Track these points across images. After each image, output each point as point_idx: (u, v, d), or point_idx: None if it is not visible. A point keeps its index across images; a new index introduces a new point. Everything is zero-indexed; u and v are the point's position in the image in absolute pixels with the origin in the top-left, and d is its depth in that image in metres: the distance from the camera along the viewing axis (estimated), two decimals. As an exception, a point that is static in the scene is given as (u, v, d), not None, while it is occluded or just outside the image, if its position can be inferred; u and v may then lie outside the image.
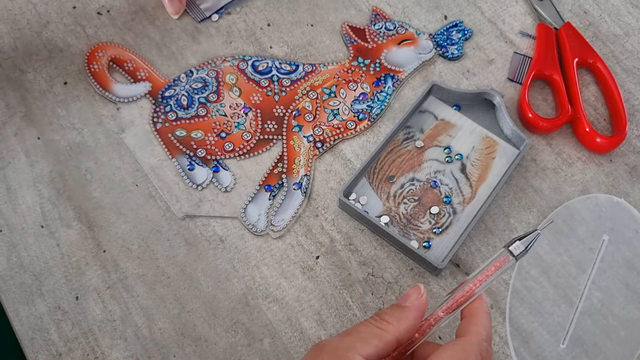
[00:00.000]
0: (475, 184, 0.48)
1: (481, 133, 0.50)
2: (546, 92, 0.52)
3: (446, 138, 0.49)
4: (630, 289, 0.44)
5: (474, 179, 0.48)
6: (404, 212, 0.46)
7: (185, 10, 0.54)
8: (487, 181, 0.48)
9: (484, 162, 0.48)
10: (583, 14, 0.56)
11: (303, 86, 0.51)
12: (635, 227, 0.46)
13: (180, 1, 0.53)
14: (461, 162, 0.48)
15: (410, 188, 0.47)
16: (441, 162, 0.48)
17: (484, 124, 0.50)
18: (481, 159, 0.49)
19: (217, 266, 0.45)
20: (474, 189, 0.47)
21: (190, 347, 0.43)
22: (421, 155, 0.49)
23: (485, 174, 0.48)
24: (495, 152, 0.49)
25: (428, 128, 0.50)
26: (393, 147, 0.49)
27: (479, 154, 0.49)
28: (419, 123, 0.50)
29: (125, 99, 0.50)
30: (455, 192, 0.47)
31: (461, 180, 0.48)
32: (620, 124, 0.49)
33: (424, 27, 0.54)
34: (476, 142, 0.49)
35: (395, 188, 0.47)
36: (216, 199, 0.47)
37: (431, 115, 0.50)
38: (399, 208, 0.47)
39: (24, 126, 0.49)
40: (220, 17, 0.54)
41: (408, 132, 0.49)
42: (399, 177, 0.48)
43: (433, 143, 0.49)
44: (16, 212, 0.46)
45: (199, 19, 0.54)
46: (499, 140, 0.49)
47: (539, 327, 0.43)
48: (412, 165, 0.48)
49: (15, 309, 0.43)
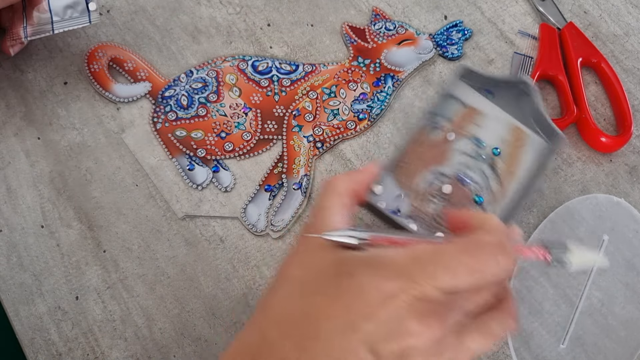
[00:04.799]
0: (505, 179, 0.44)
1: (510, 123, 0.46)
2: (546, 92, 0.52)
3: (473, 127, 0.46)
4: (630, 289, 0.44)
5: (503, 175, 0.45)
6: (432, 212, 0.43)
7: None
8: (517, 177, 0.45)
9: (513, 156, 0.45)
10: (583, 14, 0.56)
11: (303, 86, 0.51)
12: (635, 227, 0.46)
13: (21, 44, 0.49)
14: (490, 155, 0.45)
15: (434, 183, 0.44)
16: (469, 155, 0.45)
17: (514, 114, 0.47)
18: (510, 152, 0.45)
19: (217, 266, 0.45)
20: (504, 185, 0.44)
21: (190, 347, 0.43)
22: (448, 147, 0.45)
23: (515, 169, 0.45)
24: (525, 145, 0.46)
25: (454, 116, 0.46)
26: (418, 138, 0.45)
27: (508, 146, 0.45)
28: (446, 110, 0.46)
29: (125, 99, 0.50)
30: (485, 190, 0.44)
31: (490, 176, 0.45)
32: (626, 123, 0.49)
33: (424, 27, 0.54)
34: (505, 132, 0.46)
35: (422, 184, 0.44)
36: (216, 199, 0.47)
37: (459, 102, 0.47)
38: (427, 206, 0.43)
39: (24, 126, 0.49)
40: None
41: (434, 121, 0.46)
42: (421, 171, 0.44)
43: (461, 133, 0.46)
44: (16, 212, 0.46)
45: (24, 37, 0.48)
46: (529, 133, 0.46)
47: (539, 327, 0.43)
48: (439, 158, 0.45)
49: (15, 309, 0.43)
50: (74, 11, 0.47)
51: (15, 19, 0.48)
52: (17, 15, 0.48)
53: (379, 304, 0.29)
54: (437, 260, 0.29)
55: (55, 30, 0.47)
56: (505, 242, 0.30)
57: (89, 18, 0.48)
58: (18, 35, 0.47)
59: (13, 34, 0.48)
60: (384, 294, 0.29)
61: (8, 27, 0.48)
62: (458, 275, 0.29)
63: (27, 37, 0.47)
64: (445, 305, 0.29)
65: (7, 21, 0.49)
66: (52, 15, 0.47)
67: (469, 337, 0.30)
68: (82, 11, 0.47)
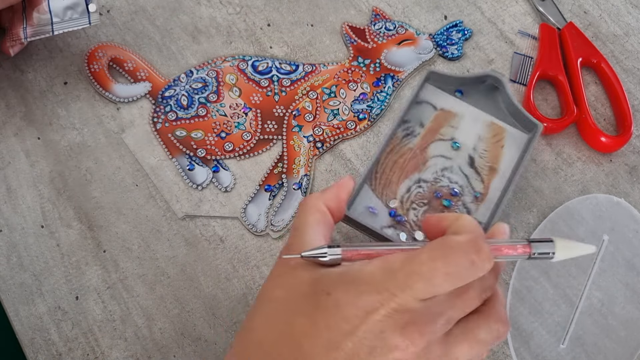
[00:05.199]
0: (487, 177, 0.44)
1: (486, 120, 0.46)
2: (546, 92, 0.52)
3: (449, 130, 0.46)
4: (630, 289, 0.44)
5: (485, 173, 0.44)
6: (414, 219, 0.43)
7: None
8: (499, 173, 0.44)
9: (493, 152, 0.45)
10: (583, 14, 0.56)
11: (303, 86, 0.51)
12: (635, 227, 0.46)
13: (21, 44, 0.49)
14: (469, 155, 0.45)
15: (417, 191, 0.44)
16: (447, 157, 0.45)
17: (488, 110, 0.46)
18: (489, 149, 0.45)
19: (217, 266, 0.45)
20: (486, 183, 0.44)
21: (190, 347, 0.43)
22: (424, 153, 0.45)
23: (496, 165, 0.45)
24: (503, 139, 0.45)
25: (428, 120, 0.46)
26: (393, 147, 0.45)
27: (487, 143, 0.45)
28: (417, 116, 0.46)
29: (125, 99, 0.50)
30: (466, 189, 0.44)
31: (471, 176, 0.44)
32: (626, 123, 0.49)
33: (424, 27, 0.54)
34: (482, 130, 0.46)
35: (402, 192, 0.44)
36: (216, 199, 0.47)
37: (429, 106, 0.47)
38: (408, 214, 0.43)
39: (24, 126, 0.49)
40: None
41: (407, 128, 0.46)
42: (403, 180, 0.44)
43: (435, 137, 0.46)
44: (16, 212, 0.46)
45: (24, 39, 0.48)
46: (506, 127, 0.46)
47: (539, 327, 0.43)
48: (416, 165, 0.45)
49: (15, 309, 0.43)
50: (74, 12, 0.47)
51: (15, 20, 0.48)
52: (17, 16, 0.48)
53: (359, 319, 0.29)
54: (410, 269, 0.28)
55: (55, 31, 0.47)
56: (477, 240, 0.29)
57: (89, 19, 0.48)
58: (18, 36, 0.47)
59: (13, 35, 0.48)
60: (362, 310, 0.29)
61: (8, 27, 0.48)
62: (433, 281, 0.28)
63: (27, 38, 0.47)
64: (427, 314, 0.29)
65: (7, 22, 0.49)
66: (52, 17, 0.47)
67: (457, 346, 0.30)
68: (82, 12, 0.47)
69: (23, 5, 0.48)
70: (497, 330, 0.31)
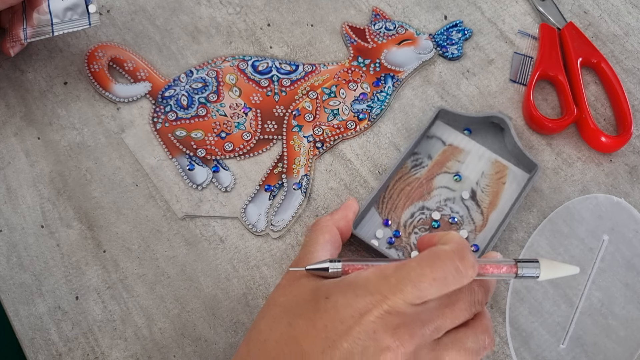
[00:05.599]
0: (487, 210, 0.47)
1: (490, 158, 0.49)
2: (546, 92, 0.52)
3: (455, 164, 0.48)
4: (630, 289, 0.44)
5: (485, 206, 0.47)
6: (414, 243, 0.46)
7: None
8: (498, 207, 0.47)
9: (494, 188, 0.47)
10: (583, 14, 0.56)
11: (303, 86, 0.51)
12: (635, 227, 0.46)
13: (21, 45, 0.49)
14: (471, 189, 0.47)
15: (420, 217, 0.46)
16: (451, 189, 0.47)
17: (493, 148, 0.49)
18: (491, 184, 0.48)
19: (217, 266, 0.45)
20: (485, 215, 0.46)
21: (190, 347, 0.43)
22: (430, 183, 0.48)
23: (496, 200, 0.47)
24: (505, 177, 0.48)
25: (436, 154, 0.49)
26: (401, 175, 0.48)
27: (489, 179, 0.48)
28: (427, 149, 0.49)
29: (125, 99, 0.50)
30: (466, 220, 0.46)
31: (472, 208, 0.47)
32: (626, 123, 0.49)
33: (424, 27, 0.54)
34: (486, 167, 0.48)
35: (406, 217, 0.46)
36: (216, 199, 0.47)
37: (439, 141, 0.49)
38: (409, 238, 0.46)
39: (24, 126, 0.49)
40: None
41: (416, 159, 0.48)
42: (408, 206, 0.47)
43: (442, 170, 0.48)
44: (16, 212, 0.46)
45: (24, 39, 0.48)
46: (508, 165, 0.48)
47: (539, 327, 0.43)
48: (422, 194, 0.47)
49: (15, 309, 0.43)
50: (74, 13, 0.47)
51: (15, 20, 0.48)
52: (17, 17, 0.48)
53: (354, 320, 0.31)
54: (401, 274, 0.31)
55: (55, 32, 0.47)
56: (462, 249, 0.32)
57: (89, 20, 0.48)
58: (18, 37, 0.47)
59: (13, 35, 0.48)
60: (357, 311, 0.31)
61: (8, 28, 0.48)
62: (421, 285, 0.31)
63: (26, 38, 0.47)
64: (417, 319, 0.31)
65: (7, 22, 0.49)
66: (52, 17, 0.47)
67: (446, 353, 0.32)
68: (82, 13, 0.47)
69: (23, 5, 0.48)
70: (484, 341, 0.34)
